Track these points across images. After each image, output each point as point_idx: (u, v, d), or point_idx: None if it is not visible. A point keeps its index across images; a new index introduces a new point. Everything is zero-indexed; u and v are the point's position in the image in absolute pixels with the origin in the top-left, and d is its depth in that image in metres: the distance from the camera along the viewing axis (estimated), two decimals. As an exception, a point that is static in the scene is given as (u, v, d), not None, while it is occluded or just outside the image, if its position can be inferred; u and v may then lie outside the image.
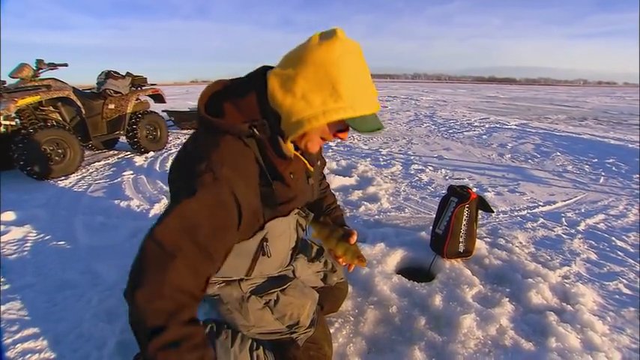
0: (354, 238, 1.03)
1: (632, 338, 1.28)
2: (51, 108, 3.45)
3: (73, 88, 3.62)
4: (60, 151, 3.30)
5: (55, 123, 3.31)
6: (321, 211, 1.19)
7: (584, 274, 1.71)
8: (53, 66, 3.50)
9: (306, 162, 0.90)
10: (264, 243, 0.91)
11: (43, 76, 3.42)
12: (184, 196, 0.69)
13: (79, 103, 3.59)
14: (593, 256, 1.87)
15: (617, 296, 1.53)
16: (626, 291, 1.57)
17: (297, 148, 0.84)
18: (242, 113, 0.77)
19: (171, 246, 0.66)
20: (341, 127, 0.79)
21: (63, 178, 3.32)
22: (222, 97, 0.79)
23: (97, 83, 4.04)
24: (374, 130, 0.74)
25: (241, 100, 0.78)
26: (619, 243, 2.03)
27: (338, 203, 1.27)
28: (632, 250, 1.95)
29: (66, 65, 3.59)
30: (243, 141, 0.76)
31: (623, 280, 1.64)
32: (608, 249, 1.96)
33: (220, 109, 0.77)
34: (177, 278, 0.65)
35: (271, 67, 0.79)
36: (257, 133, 0.75)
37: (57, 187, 3.08)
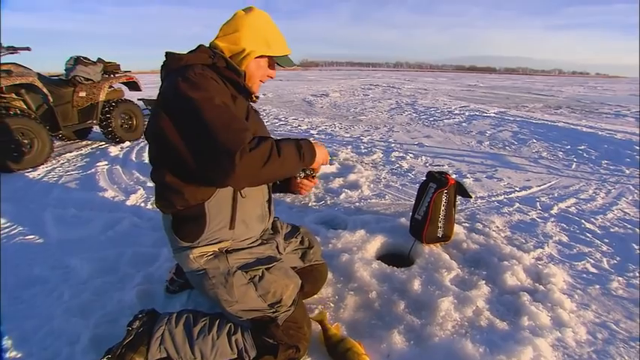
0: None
1: (596, 313, 1.35)
2: (13, 95, 3.22)
3: (38, 74, 3.40)
4: (26, 141, 3.12)
5: (19, 112, 3.10)
6: None
7: (556, 255, 1.78)
8: (13, 50, 3.26)
9: (251, 90, 1.10)
10: None
11: (2, 60, 3.18)
12: (189, 93, 0.85)
13: (45, 91, 3.38)
14: (565, 238, 1.95)
15: (585, 275, 1.61)
16: (592, 270, 1.65)
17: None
18: (198, 57, 0.98)
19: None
20: (271, 67, 1.11)
21: (31, 170, 3.15)
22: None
23: (65, 69, 3.82)
24: (290, 65, 1.11)
25: (195, 53, 1.00)
26: (588, 225, 2.12)
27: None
28: (599, 232, 2.04)
29: (28, 49, 3.36)
30: (207, 69, 0.95)
31: (591, 260, 1.72)
32: (577, 231, 2.05)
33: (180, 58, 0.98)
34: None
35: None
36: (216, 60, 0.98)
37: (24, 180, 2.92)
